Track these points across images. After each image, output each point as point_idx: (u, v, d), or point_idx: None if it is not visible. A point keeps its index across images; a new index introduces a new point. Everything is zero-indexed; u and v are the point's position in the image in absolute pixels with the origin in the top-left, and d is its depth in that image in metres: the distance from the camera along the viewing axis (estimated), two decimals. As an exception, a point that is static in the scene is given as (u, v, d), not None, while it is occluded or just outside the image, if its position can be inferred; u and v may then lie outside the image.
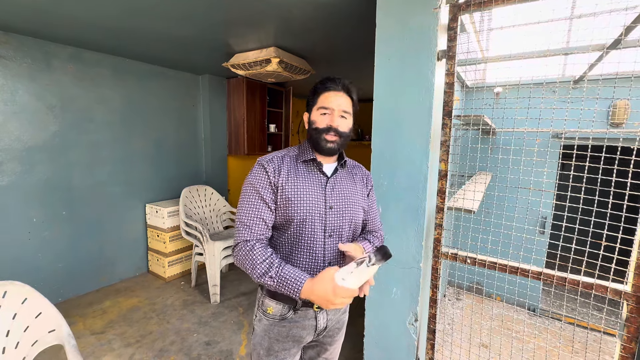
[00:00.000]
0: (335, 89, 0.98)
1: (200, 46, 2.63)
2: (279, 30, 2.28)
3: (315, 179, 1.00)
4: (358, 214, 1.05)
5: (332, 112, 0.98)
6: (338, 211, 0.99)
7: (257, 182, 0.96)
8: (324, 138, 0.98)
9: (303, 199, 0.95)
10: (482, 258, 1.30)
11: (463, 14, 1.25)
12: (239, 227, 0.95)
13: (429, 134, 1.36)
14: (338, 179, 1.03)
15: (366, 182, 1.14)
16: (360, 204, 1.06)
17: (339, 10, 1.87)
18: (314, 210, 0.95)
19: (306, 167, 1.01)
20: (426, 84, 1.34)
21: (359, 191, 1.08)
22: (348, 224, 1.01)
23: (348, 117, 1.01)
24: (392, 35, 1.41)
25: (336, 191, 1.01)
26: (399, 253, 1.48)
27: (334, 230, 0.98)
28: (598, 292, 1.10)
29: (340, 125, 0.99)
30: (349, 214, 1.01)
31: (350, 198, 1.03)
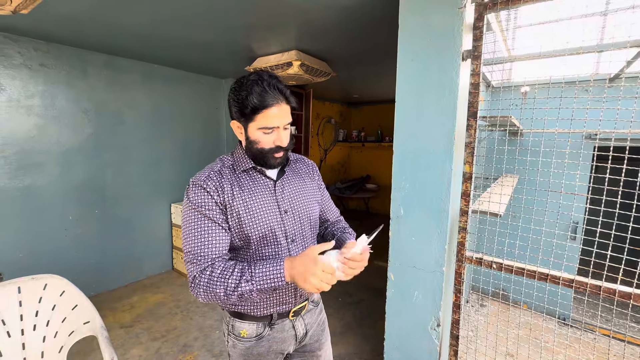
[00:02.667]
0: (277, 103, 0.85)
1: (222, 51, 2.71)
2: (300, 34, 2.31)
3: (262, 186, 0.92)
4: (314, 210, 1.01)
5: (278, 130, 0.88)
6: (294, 214, 0.95)
7: (199, 204, 0.84)
8: (271, 157, 0.90)
9: (255, 211, 0.88)
10: (508, 263, 1.25)
11: (489, 13, 1.22)
12: (189, 259, 0.83)
13: (453, 135, 1.33)
14: (286, 180, 0.97)
15: (312, 172, 1.09)
16: (314, 198, 1.03)
17: (360, 12, 1.87)
18: (270, 221, 0.89)
19: (248, 175, 0.92)
20: (450, 84, 1.31)
21: (309, 185, 1.04)
22: (308, 224, 0.98)
23: (289, 126, 0.92)
24: (415, 36, 1.39)
25: (287, 193, 0.95)
26: (422, 256, 1.46)
27: (295, 234, 0.94)
28: (637, 302, 1.03)
29: (286, 140, 0.90)
30: (305, 213, 0.98)
31: (303, 196, 0.99)
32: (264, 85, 0.84)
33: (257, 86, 0.84)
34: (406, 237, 1.50)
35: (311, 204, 1.01)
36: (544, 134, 2.14)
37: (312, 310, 1.05)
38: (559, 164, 2.00)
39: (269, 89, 0.84)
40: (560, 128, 2.26)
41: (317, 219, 1.04)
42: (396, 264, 1.55)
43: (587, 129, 2.28)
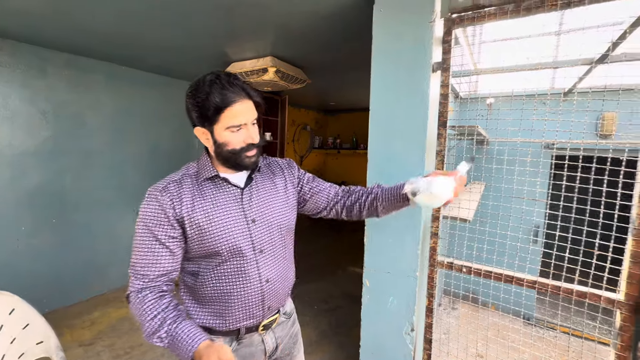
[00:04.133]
0: (240, 99, 0.81)
1: (195, 54, 2.64)
2: (276, 40, 2.31)
3: (227, 194, 0.88)
4: (286, 217, 0.96)
5: (246, 127, 0.84)
6: (263, 223, 0.90)
7: (149, 219, 0.81)
8: (245, 156, 0.86)
9: (218, 222, 0.83)
10: (477, 267, 1.30)
11: (457, 28, 1.28)
12: (131, 273, 0.81)
13: (425, 144, 1.37)
14: (255, 186, 0.92)
15: (287, 172, 1.03)
16: (288, 203, 0.98)
17: (335, 21, 1.90)
18: (235, 232, 0.85)
19: (213, 184, 0.88)
20: (421, 95, 1.36)
21: (282, 189, 0.98)
22: (278, 232, 0.93)
23: (256, 122, 0.88)
24: (388, 47, 1.43)
25: (255, 201, 0.90)
26: (396, 262, 1.48)
27: (263, 244, 0.89)
28: (592, 300, 1.11)
29: (256, 137, 0.87)
30: (275, 221, 0.93)
31: (274, 203, 0.94)
32: (223, 83, 0.80)
33: (216, 85, 0.80)
34: (381, 243, 1.52)
35: (283, 211, 0.96)
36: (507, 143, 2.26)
37: (284, 322, 1.01)
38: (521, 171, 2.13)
39: (229, 85, 0.80)
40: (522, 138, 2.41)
41: (290, 225, 0.98)
42: (371, 270, 1.57)
43: (546, 139, 2.44)
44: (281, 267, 0.94)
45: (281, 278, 0.94)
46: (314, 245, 4.74)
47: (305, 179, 1.06)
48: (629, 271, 1.05)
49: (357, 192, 1.03)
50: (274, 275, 0.91)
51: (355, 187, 1.06)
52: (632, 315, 1.04)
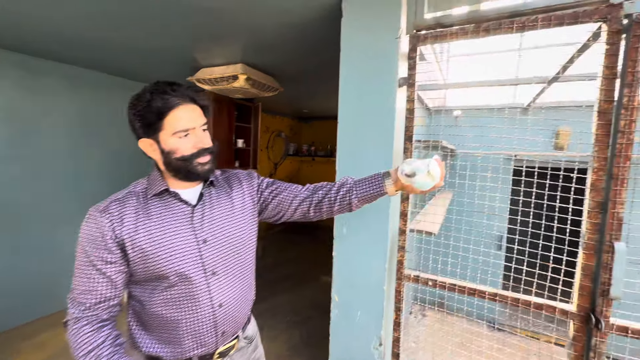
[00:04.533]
0: (183, 103, 0.79)
1: (161, 58, 2.54)
2: (247, 47, 2.26)
3: (176, 212, 0.82)
4: (242, 235, 0.91)
5: (194, 131, 0.81)
6: (215, 243, 0.84)
7: (86, 242, 0.76)
8: (197, 163, 0.81)
9: (163, 244, 0.78)
10: (442, 280, 1.32)
11: (422, 45, 1.31)
12: (69, 301, 0.77)
13: (391, 157, 1.38)
14: (208, 203, 0.87)
15: (246, 184, 0.98)
16: (245, 220, 0.93)
17: (306, 30, 1.90)
18: (183, 254, 0.79)
19: (161, 201, 0.83)
20: (388, 109, 1.37)
21: (239, 205, 0.93)
22: (233, 252, 0.88)
23: (206, 127, 0.85)
24: (355, 60, 1.44)
25: (208, 219, 0.85)
26: (364, 275, 1.47)
27: (216, 266, 0.84)
28: (547, 312, 1.15)
29: (207, 142, 0.83)
30: (230, 240, 0.88)
31: (229, 220, 0.89)
32: (164, 89, 0.78)
33: (157, 91, 0.77)
34: (349, 257, 1.50)
35: (239, 229, 0.90)
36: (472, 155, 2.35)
37: (244, 348, 0.96)
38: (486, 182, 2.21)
39: (171, 90, 0.78)
40: (484, 150, 2.52)
41: (247, 243, 0.93)
42: (340, 284, 1.55)
43: (507, 151, 2.56)
44: (237, 289, 0.89)
45: (237, 301, 0.89)
46: (286, 254, 4.67)
47: (264, 184, 1.00)
48: (580, 283, 1.09)
49: (325, 187, 0.96)
50: (229, 299, 0.86)
51: (323, 183, 0.99)
52: (584, 326, 1.09)
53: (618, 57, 1.01)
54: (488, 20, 1.19)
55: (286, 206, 0.98)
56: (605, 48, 1.03)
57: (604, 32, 1.03)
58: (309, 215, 0.99)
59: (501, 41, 2.93)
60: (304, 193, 0.98)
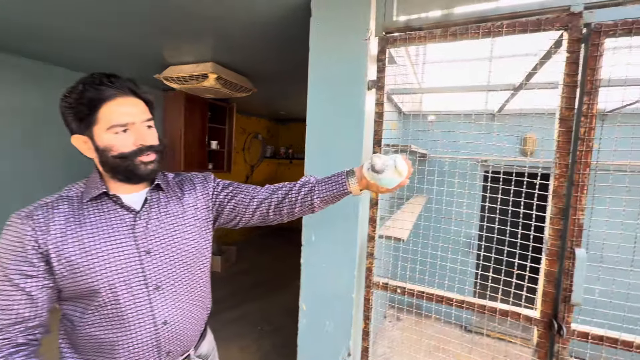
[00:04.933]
0: (121, 95, 0.72)
1: (126, 53, 2.40)
2: (217, 46, 2.18)
3: (115, 220, 0.74)
4: (193, 245, 0.83)
5: (134, 127, 0.73)
6: (161, 253, 0.77)
7: (4, 253, 0.67)
8: (139, 162, 0.73)
9: (98, 256, 0.69)
10: (411, 287, 1.29)
11: (391, 47, 1.29)
12: None
13: (360, 161, 1.35)
14: (155, 209, 0.79)
15: (200, 187, 0.90)
16: (197, 227, 0.85)
17: (278, 31, 1.84)
18: (120, 267, 0.71)
19: (98, 207, 0.74)
20: (357, 112, 1.34)
21: (191, 211, 0.85)
22: (182, 264, 0.80)
23: (152, 124, 0.78)
24: (324, 62, 1.40)
25: (153, 227, 0.77)
26: (332, 283, 1.42)
27: (161, 279, 0.76)
28: (513, 318, 1.14)
29: (151, 139, 0.76)
30: (179, 250, 0.80)
31: (178, 228, 0.81)
32: (100, 80, 0.71)
33: (91, 82, 0.70)
34: (318, 265, 1.45)
35: (190, 238, 0.83)
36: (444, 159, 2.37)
37: None
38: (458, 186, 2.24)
39: (107, 81, 0.71)
40: (456, 155, 2.55)
41: (199, 253, 0.85)
42: (308, 292, 1.49)
43: (478, 156, 2.61)
44: (186, 305, 0.82)
45: (186, 317, 0.81)
46: (261, 259, 4.56)
47: (220, 187, 0.93)
48: (543, 289, 1.09)
49: (286, 187, 0.91)
50: (175, 315, 0.79)
51: (283, 183, 0.93)
52: (547, 332, 1.09)
53: (578, 65, 1.02)
54: (456, 24, 1.18)
55: (243, 209, 0.91)
56: (566, 56, 1.04)
57: (564, 40, 1.04)
58: (269, 218, 0.92)
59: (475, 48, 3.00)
60: (263, 194, 0.91)
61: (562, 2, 1.04)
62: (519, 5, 1.09)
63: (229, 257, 4.25)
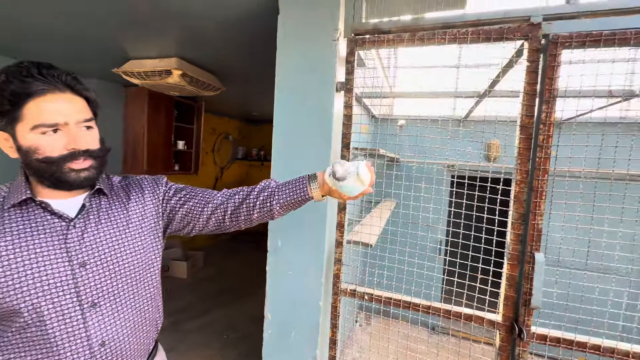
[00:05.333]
0: (53, 90, 0.63)
1: (84, 45, 2.21)
2: (182, 41, 2.06)
3: (44, 228, 0.65)
4: (141, 254, 0.75)
5: (67, 128, 0.64)
6: (99, 265, 0.68)
7: None
8: (68, 169, 0.65)
9: (19, 270, 0.61)
10: (379, 294, 1.27)
11: (360, 49, 1.27)
12: None
13: (328, 164, 1.31)
14: (93, 216, 0.70)
15: (149, 192, 0.81)
16: (144, 234, 0.77)
17: (247, 27, 1.77)
18: (47, 282, 0.62)
19: (23, 214, 0.65)
20: (325, 114, 1.30)
21: (137, 217, 0.77)
22: (125, 276, 0.72)
23: (93, 125, 0.70)
24: (292, 62, 1.35)
25: (91, 236, 0.68)
26: (299, 291, 1.37)
27: (99, 295, 0.67)
28: (477, 323, 1.15)
29: (88, 142, 0.67)
30: (122, 261, 0.71)
31: (123, 237, 0.72)
32: (28, 71, 0.62)
33: (18, 73, 0.62)
34: (284, 272, 1.39)
35: (136, 247, 0.75)
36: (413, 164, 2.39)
37: None
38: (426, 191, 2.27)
39: (37, 73, 0.62)
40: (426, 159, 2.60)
41: (146, 265, 0.77)
42: (273, 301, 1.43)
43: (446, 161, 2.68)
44: (130, 322, 0.73)
45: (129, 336, 0.73)
46: (228, 264, 4.41)
47: (172, 191, 0.85)
48: (505, 293, 1.11)
49: (244, 192, 0.84)
50: (116, 335, 0.70)
51: (241, 187, 0.87)
52: (509, 335, 1.11)
53: (538, 74, 1.05)
54: (423, 29, 1.18)
55: (197, 215, 0.83)
56: (526, 65, 1.07)
57: (525, 49, 1.07)
58: (225, 225, 0.85)
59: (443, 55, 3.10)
60: (218, 199, 0.84)
61: (523, 13, 1.06)
62: (484, 14, 1.11)
63: (195, 262, 4.06)
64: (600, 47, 0.97)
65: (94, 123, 0.71)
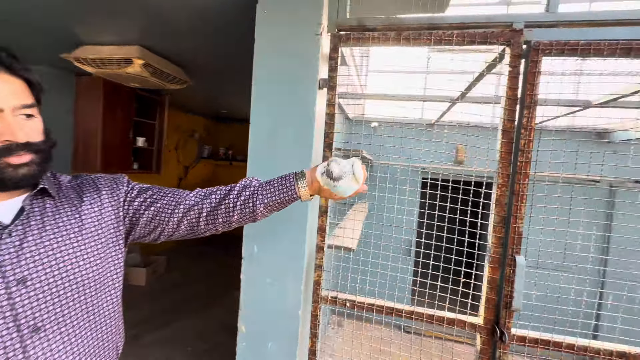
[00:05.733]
0: None
1: (29, 26, 1.94)
2: (146, 28, 1.88)
3: None
4: (97, 266, 0.64)
5: (2, 115, 0.55)
6: (45, 282, 0.56)
7: None
8: (4, 164, 0.54)
9: None
10: (361, 300, 1.23)
11: (343, 46, 1.22)
12: None
13: (310, 165, 1.24)
14: (35, 222, 0.58)
15: (107, 192, 0.70)
16: (102, 243, 0.66)
17: (220, 17, 1.65)
18: None
19: None
20: (307, 112, 1.23)
21: (92, 222, 0.65)
22: (76, 294, 0.60)
23: (35, 113, 0.60)
24: (271, 56, 1.27)
25: (32, 247, 0.56)
26: (277, 300, 1.28)
27: (43, 317, 0.56)
28: (459, 326, 1.15)
29: (28, 133, 0.57)
30: (72, 275, 0.60)
31: (74, 246, 0.61)
32: None
33: None
34: (260, 280, 1.30)
35: (89, 259, 0.63)
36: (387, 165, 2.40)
37: None
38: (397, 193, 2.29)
39: None
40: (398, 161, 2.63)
41: (104, 279, 0.65)
42: (248, 312, 1.33)
43: (417, 163, 2.72)
44: (84, 348, 0.62)
45: None
46: (196, 269, 4.17)
47: (135, 191, 0.73)
48: (486, 296, 1.12)
49: (221, 191, 0.75)
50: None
51: (217, 187, 0.78)
52: (490, 339, 1.11)
53: (519, 79, 1.07)
54: (409, 29, 1.16)
55: (165, 218, 0.72)
56: (508, 70, 1.08)
57: (507, 55, 1.08)
58: (199, 229, 0.75)
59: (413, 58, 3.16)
60: (191, 200, 0.74)
61: (506, 19, 1.08)
62: (468, 17, 1.11)
63: (156, 268, 3.79)
64: (577, 55, 1.01)
65: (36, 111, 0.59)
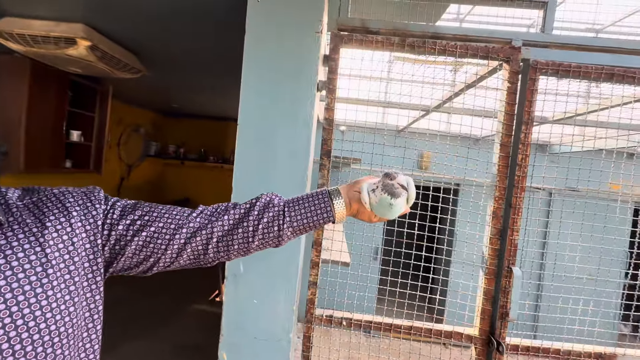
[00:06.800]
0: None
1: None
2: (96, 6, 1.59)
3: None
4: (65, 312, 0.46)
5: None
6: None
7: None
8: None
9: None
10: (358, 318, 1.16)
11: (345, 47, 1.14)
12: None
13: (306, 174, 1.14)
14: None
15: (78, 215, 0.50)
16: (73, 283, 0.48)
17: (186, 3, 1.45)
18: None
19: None
20: (304, 115, 1.13)
21: (61, 255, 0.47)
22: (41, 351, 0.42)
23: None
24: (264, 53, 1.14)
25: None
26: (265, 323, 1.15)
27: None
28: (456, 339, 1.14)
29: None
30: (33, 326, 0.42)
31: (34, 287, 0.43)
32: None
33: None
34: (246, 301, 1.16)
35: (58, 302, 0.45)
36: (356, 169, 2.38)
37: None
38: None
39: None
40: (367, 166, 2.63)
41: (76, 330, 0.47)
42: (232, 338, 1.17)
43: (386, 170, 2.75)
44: None
45: None
46: (148, 280, 3.72)
47: (117, 211, 0.55)
48: (482, 307, 1.13)
49: (237, 210, 0.60)
50: None
51: (229, 203, 0.62)
52: (485, 349, 1.13)
53: (516, 95, 1.10)
54: (413, 35, 1.12)
55: (162, 245, 0.55)
56: (506, 86, 1.10)
57: (505, 70, 1.11)
58: (207, 258, 0.59)
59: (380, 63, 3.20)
60: (196, 221, 0.58)
61: (506, 35, 1.10)
62: (471, 29, 1.12)
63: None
64: (569, 77, 1.07)
65: None
